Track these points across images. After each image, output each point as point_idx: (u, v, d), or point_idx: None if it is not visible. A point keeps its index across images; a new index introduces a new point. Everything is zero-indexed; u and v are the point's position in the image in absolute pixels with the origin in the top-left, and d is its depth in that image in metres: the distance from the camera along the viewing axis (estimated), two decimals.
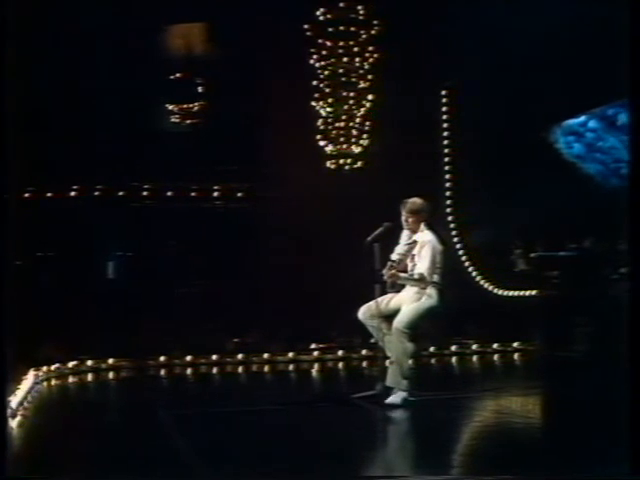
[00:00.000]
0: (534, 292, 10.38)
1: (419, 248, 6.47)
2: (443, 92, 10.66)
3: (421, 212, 6.57)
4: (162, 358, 9.11)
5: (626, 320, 4.21)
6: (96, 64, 9.43)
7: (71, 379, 8.35)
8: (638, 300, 4.19)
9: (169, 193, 10.19)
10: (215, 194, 10.39)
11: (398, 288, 6.53)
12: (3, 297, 4.31)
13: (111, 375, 8.62)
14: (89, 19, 9.14)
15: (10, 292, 4.37)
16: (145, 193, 10.12)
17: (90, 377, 8.52)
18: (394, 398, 6.35)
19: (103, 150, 9.53)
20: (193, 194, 10.31)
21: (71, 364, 8.59)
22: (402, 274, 6.46)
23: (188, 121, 10.59)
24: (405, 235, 6.65)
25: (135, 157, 9.79)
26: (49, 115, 9.03)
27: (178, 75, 10.48)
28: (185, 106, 10.59)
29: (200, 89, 10.59)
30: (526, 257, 10.45)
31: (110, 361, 8.84)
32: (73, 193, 9.73)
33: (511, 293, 10.55)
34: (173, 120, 10.61)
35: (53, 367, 8.37)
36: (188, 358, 9.23)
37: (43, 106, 8.78)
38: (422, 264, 6.42)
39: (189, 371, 9.04)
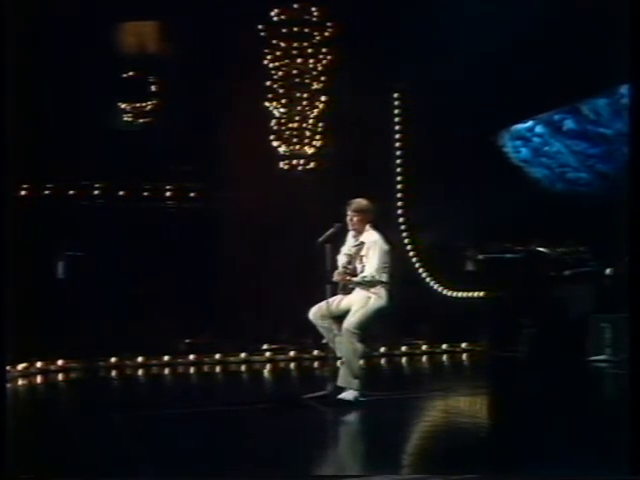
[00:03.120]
0: (482, 293, 10.57)
1: (366, 249, 6.51)
2: (395, 94, 10.78)
3: (366, 212, 6.60)
4: (113, 359, 9.05)
5: (627, 320, 4.27)
6: (46, 61, 9.30)
7: (20, 382, 8.23)
8: (638, 301, 4.24)
9: (121, 192, 10.12)
10: (167, 194, 10.34)
11: (349, 291, 6.58)
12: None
13: (61, 377, 8.52)
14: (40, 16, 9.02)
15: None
16: (96, 192, 10.03)
17: (39, 379, 8.40)
18: (345, 398, 6.39)
19: (53, 148, 9.41)
20: (145, 194, 10.24)
21: (20, 366, 8.47)
22: (354, 278, 6.50)
23: (140, 120, 10.50)
24: (351, 236, 6.68)
25: (86, 156, 9.69)
26: None
27: (131, 73, 10.37)
28: (138, 105, 10.50)
29: (153, 88, 10.50)
30: (475, 259, 10.61)
31: (60, 362, 8.74)
32: (23, 192, 9.59)
33: (460, 294, 10.72)
34: (125, 119, 10.51)
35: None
36: (139, 359, 9.18)
37: None
38: (370, 265, 6.46)
39: (140, 372, 8.99)
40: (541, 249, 10.17)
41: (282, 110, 10.55)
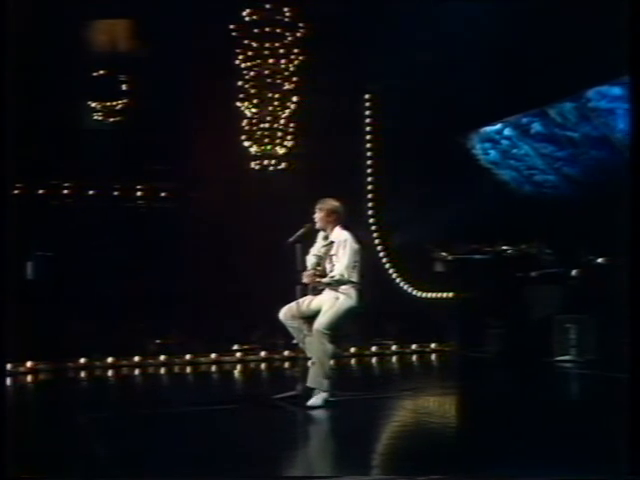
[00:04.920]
0: (451, 294, 10.68)
1: (336, 248, 6.50)
2: (366, 95, 10.84)
3: (336, 212, 6.58)
4: (82, 360, 9.00)
5: (625, 319, 4.32)
6: (16, 59, 9.19)
7: None
8: (638, 300, 4.28)
9: (90, 192, 10.06)
10: (138, 194, 10.30)
11: (319, 291, 6.58)
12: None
13: (29, 378, 8.45)
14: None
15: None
16: (65, 192, 9.97)
17: (8, 381, 8.30)
18: (315, 399, 6.40)
19: (22, 147, 9.29)
20: (116, 193, 10.20)
21: None
22: (324, 279, 6.52)
23: (111, 119, 10.44)
24: (320, 237, 6.68)
25: (56, 155, 9.61)
26: None
27: (101, 72, 10.31)
28: (108, 104, 10.44)
29: (124, 87, 10.45)
30: (444, 260, 10.72)
31: (29, 364, 8.67)
32: None
33: (429, 295, 10.82)
34: (96, 118, 10.45)
35: None
36: (109, 360, 9.14)
37: None
38: (340, 264, 6.46)
39: (110, 373, 8.95)
40: (508, 250, 10.30)
41: (254, 110, 10.56)
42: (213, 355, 9.50)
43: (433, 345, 10.35)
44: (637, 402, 4.20)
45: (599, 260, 9.47)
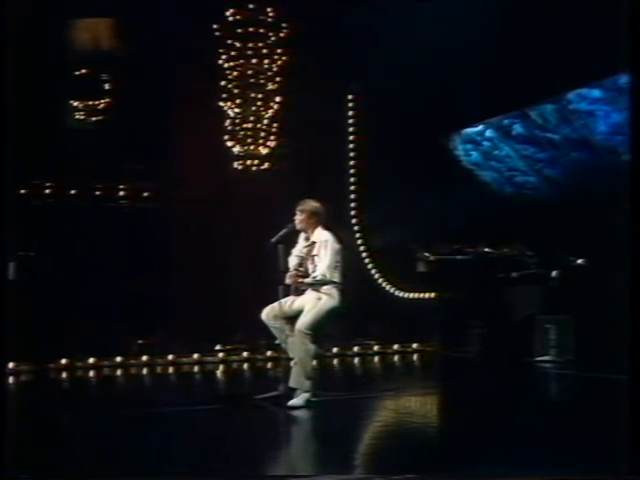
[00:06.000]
0: (433, 294, 10.73)
1: (318, 249, 6.53)
2: (349, 96, 10.86)
3: (316, 214, 6.59)
4: (64, 361, 8.96)
5: (625, 320, 4.34)
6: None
7: None
8: (638, 301, 4.28)
9: (72, 192, 10.02)
10: (121, 193, 10.27)
11: (301, 292, 6.60)
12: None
13: (11, 380, 8.41)
14: None
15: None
16: (47, 191, 9.92)
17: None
18: (297, 399, 6.42)
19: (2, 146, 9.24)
20: (98, 193, 10.15)
21: None
22: (306, 280, 6.54)
23: (93, 118, 10.40)
24: (302, 238, 6.70)
25: (37, 154, 9.56)
26: None
27: (84, 71, 10.27)
28: (91, 103, 10.40)
29: (107, 86, 10.41)
30: (426, 260, 10.76)
31: (10, 365, 8.62)
32: None
33: (412, 295, 10.86)
34: (78, 117, 10.40)
35: None
36: (91, 360, 9.11)
37: None
38: (322, 264, 6.48)
39: (92, 373, 8.92)
40: (490, 251, 10.36)
41: (236, 110, 10.55)
42: (195, 355, 9.50)
43: (415, 345, 10.41)
44: (637, 402, 4.20)
45: (579, 261, 9.56)
